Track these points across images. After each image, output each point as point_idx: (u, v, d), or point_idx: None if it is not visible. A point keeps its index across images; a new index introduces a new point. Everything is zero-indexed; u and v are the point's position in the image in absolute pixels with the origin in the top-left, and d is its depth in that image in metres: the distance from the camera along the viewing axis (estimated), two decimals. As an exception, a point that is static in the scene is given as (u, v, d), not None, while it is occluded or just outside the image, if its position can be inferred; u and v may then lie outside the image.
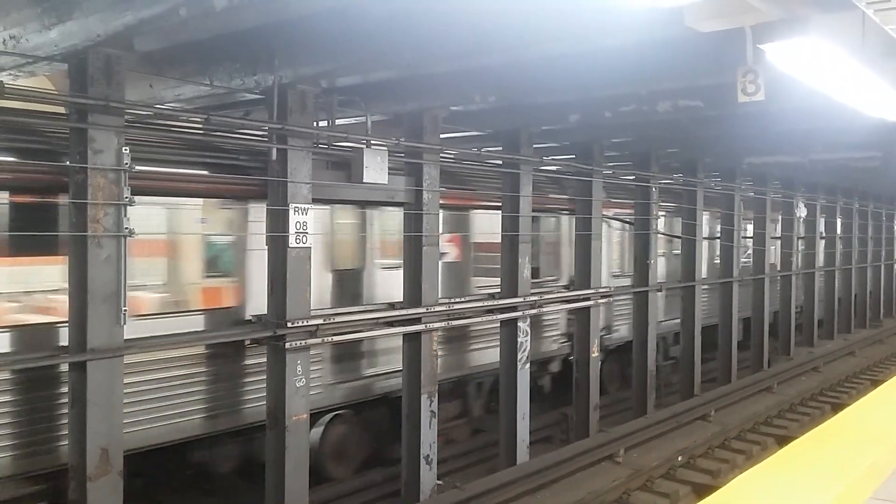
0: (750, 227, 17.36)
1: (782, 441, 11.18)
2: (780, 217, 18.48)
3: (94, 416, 6.02)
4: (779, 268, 18.28)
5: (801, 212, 18.69)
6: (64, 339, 6.31)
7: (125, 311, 6.12)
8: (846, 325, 22.21)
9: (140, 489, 7.58)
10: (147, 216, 7.33)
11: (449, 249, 10.87)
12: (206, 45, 6.40)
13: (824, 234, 20.89)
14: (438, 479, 9.06)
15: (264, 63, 6.72)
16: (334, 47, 6.30)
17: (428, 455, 8.84)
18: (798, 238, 18.88)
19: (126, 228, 6.10)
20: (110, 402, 6.11)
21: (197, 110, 7.66)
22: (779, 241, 18.37)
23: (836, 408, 12.98)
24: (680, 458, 10.67)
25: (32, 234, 6.80)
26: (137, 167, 6.21)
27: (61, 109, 6.71)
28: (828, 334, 20.96)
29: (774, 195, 17.54)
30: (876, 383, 14.18)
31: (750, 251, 17.39)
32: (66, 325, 6.16)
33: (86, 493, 5.98)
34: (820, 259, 20.61)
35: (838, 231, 21.66)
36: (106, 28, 5.31)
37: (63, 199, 6.36)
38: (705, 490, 8.96)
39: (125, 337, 6.22)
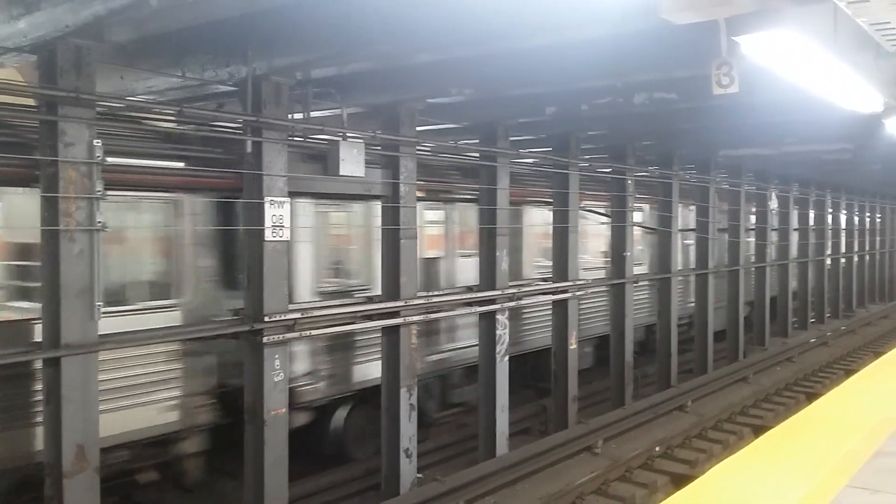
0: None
1: (758, 430, 11.31)
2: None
3: (70, 412, 5.93)
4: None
5: (772, 204, 18.85)
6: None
7: (99, 305, 6.05)
8: (819, 316, 22.51)
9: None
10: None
11: None
12: (178, 35, 6.33)
13: (797, 227, 21.13)
14: (418, 472, 9.06)
15: (238, 54, 6.65)
16: (309, 38, 6.24)
17: (408, 448, 8.83)
18: (772, 230, 19.07)
19: (99, 222, 6.02)
20: (85, 398, 6.02)
21: (170, 102, 7.56)
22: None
23: (811, 397, 13.15)
24: (658, 449, 10.75)
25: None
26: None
27: (31, 102, 6.60)
28: (802, 325, 21.23)
29: (748, 187, 17.69)
30: (849, 373, 14.37)
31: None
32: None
33: (62, 490, 5.91)
34: (794, 251, 20.84)
35: (811, 223, 21.93)
36: (75, 18, 5.23)
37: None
38: (683, 480, 9.03)
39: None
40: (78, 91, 5.82)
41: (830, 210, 23.12)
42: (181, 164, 7.73)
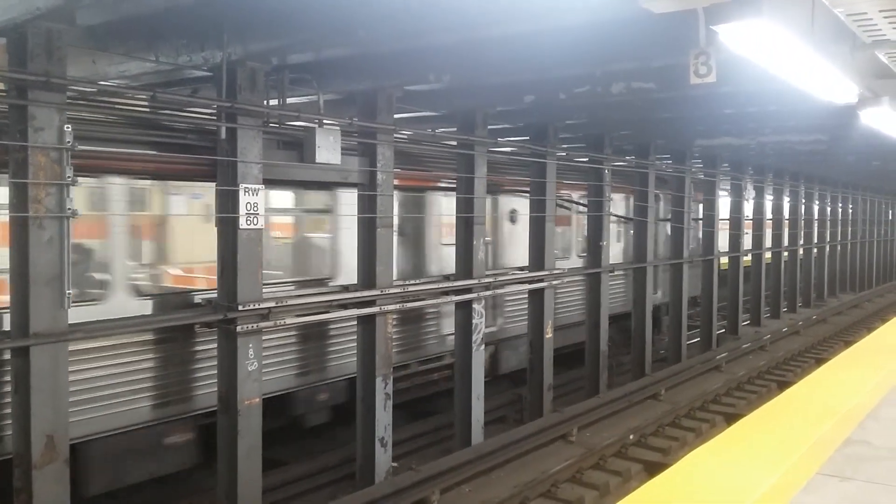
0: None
1: (731, 419, 11.45)
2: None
3: (39, 402, 5.85)
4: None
5: (748, 195, 18.98)
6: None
7: (69, 294, 5.96)
8: (791, 305, 22.79)
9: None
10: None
11: None
12: (152, 19, 6.22)
13: (771, 217, 21.34)
14: (393, 461, 9.06)
15: (212, 39, 6.55)
16: (285, 23, 6.16)
17: (383, 437, 8.81)
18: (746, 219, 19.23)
19: (69, 209, 5.92)
20: (55, 388, 5.94)
21: (143, 87, 7.45)
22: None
23: (783, 385, 13.32)
24: (632, 437, 10.83)
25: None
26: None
27: (0, 85, 6.47)
28: (774, 314, 21.49)
29: (724, 177, 17.83)
30: (820, 361, 14.58)
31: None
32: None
33: (31, 481, 5.83)
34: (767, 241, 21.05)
35: (785, 213, 22.16)
36: (46, 1, 5.12)
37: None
38: (657, 468, 9.12)
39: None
40: (48, 75, 5.70)
41: (803, 200, 23.36)
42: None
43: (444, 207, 11.42)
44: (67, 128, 5.90)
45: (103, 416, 7.20)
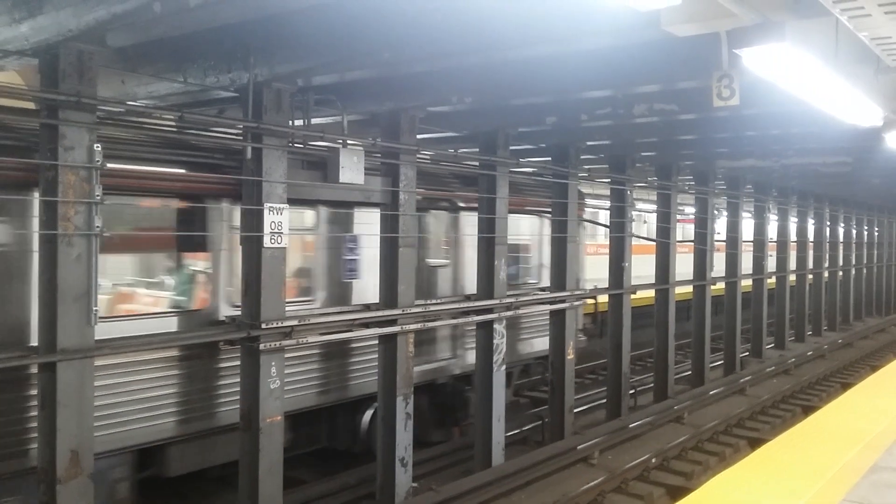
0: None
1: (755, 443, 11.31)
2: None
3: (65, 417, 5.90)
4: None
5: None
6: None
7: (96, 311, 6.04)
8: (817, 329, 22.52)
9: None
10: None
11: None
12: (180, 41, 6.34)
13: (796, 239, 21.17)
14: (413, 481, 9.03)
15: (239, 61, 6.65)
16: (311, 45, 6.25)
17: (403, 457, 8.80)
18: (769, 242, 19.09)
19: (97, 227, 6.01)
20: (81, 403, 6.00)
21: (170, 107, 7.57)
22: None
23: (808, 410, 13.14)
24: (654, 460, 10.73)
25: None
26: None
27: (32, 105, 6.61)
28: (799, 337, 21.24)
29: (747, 199, 17.73)
30: (846, 386, 14.38)
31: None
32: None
33: (55, 496, 5.87)
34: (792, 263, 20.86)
35: (810, 236, 21.97)
36: (78, 23, 5.23)
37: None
38: (679, 492, 9.02)
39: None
40: (79, 95, 5.82)
41: (828, 223, 23.16)
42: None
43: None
44: (97, 147, 6.00)
45: None
